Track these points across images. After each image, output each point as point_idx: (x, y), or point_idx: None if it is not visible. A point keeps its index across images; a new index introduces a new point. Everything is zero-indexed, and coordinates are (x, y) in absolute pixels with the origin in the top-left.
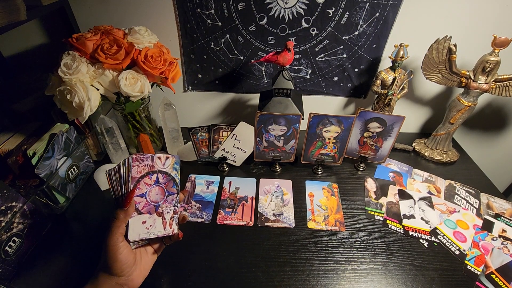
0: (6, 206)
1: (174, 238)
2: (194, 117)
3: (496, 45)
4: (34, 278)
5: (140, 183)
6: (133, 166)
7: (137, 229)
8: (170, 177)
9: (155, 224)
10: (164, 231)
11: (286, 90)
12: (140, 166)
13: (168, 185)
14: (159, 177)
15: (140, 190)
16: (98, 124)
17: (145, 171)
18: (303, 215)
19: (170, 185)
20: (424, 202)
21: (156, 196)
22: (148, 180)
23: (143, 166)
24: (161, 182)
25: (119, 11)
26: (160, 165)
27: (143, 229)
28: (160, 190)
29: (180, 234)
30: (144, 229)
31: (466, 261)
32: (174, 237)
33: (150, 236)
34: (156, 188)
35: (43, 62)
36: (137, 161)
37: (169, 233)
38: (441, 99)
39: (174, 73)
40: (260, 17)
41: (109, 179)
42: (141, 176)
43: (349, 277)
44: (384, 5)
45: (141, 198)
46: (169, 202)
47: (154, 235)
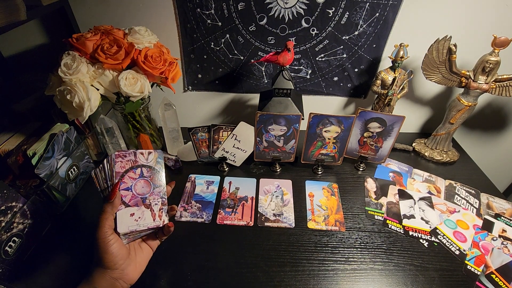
0: (6, 206)
1: (166, 231)
2: (194, 117)
3: (496, 45)
4: (34, 278)
5: (125, 177)
6: (116, 162)
7: (126, 221)
8: (155, 170)
9: (144, 216)
10: (154, 223)
11: (286, 90)
12: (124, 162)
13: (153, 178)
14: (143, 171)
15: (125, 184)
16: (98, 124)
17: (129, 165)
18: (303, 215)
19: (156, 178)
20: (424, 202)
21: (142, 189)
22: (133, 174)
23: (126, 161)
24: (145, 176)
25: (119, 11)
26: (143, 159)
27: (131, 221)
28: (146, 183)
29: (170, 224)
30: (133, 221)
31: (466, 261)
32: (166, 230)
33: (140, 228)
34: (141, 181)
35: (43, 62)
36: (120, 157)
37: (159, 224)
38: (441, 99)
39: (174, 73)
40: (260, 17)
41: (95, 178)
42: (125, 171)
43: (349, 277)
44: (384, 5)
45: (127, 192)
46: (156, 194)
47: (144, 226)
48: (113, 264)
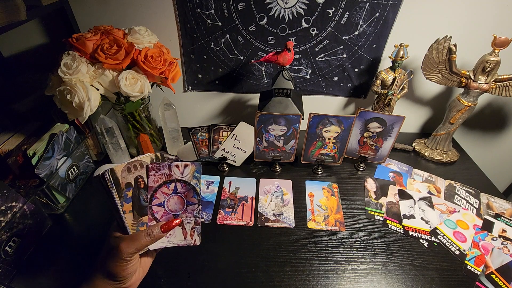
0: (6, 206)
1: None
2: (194, 117)
3: (496, 45)
4: (34, 278)
5: (158, 192)
6: (150, 176)
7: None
8: (190, 186)
9: (175, 233)
10: (185, 241)
11: (286, 90)
12: (157, 175)
13: (187, 194)
14: (178, 186)
15: (157, 199)
16: (98, 124)
17: (162, 180)
18: (303, 215)
19: (190, 195)
20: (424, 202)
21: (175, 206)
22: (166, 190)
23: (159, 175)
24: (179, 192)
25: (119, 11)
26: (178, 173)
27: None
28: (179, 200)
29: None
30: (164, 237)
31: (466, 261)
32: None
33: (170, 245)
34: (174, 198)
35: (43, 62)
36: (153, 170)
37: (190, 243)
38: (441, 99)
39: (174, 73)
40: (260, 17)
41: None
42: (158, 186)
43: (349, 277)
44: (384, 5)
45: (159, 208)
46: (189, 212)
47: (174, 243)
48: (123, 279)
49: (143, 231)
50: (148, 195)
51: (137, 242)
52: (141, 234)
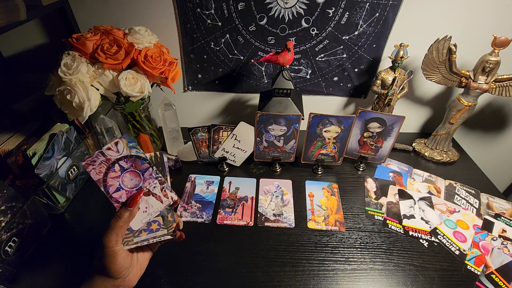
0: (6, 206)
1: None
2: (194, 117)
3: (496, 45)
4: (34, 278)
5: (108, 180)
6: (90, 172)
7: (136, 217)
8: (133, 157)
9: (150, 203)
10: (164, 204)
11: (286, 90)
12: (96, 167)
13: (136, 165)
14: (122, 164)
15: (113, 186)
16: (98, 124)
17: (104, 168)
18: (303, 215)
19: (139, 164)
20: (424, 202)
21: (132, 181)
22: (114, 173)
23: (98, 165)
24: (127, 168)
25: (119, 11)
26: (114, 153)
27: (141, 214)
28: (132, 174)
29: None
30: (142, 213)
31: (466, 261)
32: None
33: (153, 216)
34: (126, 175)
35: (43, 62)
36: (90, 165)
37: (169, 202)
38: (441, 99)
39: (174, 73)
40: (260, 17)
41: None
42: (104, 175)
43: (349, 277)
44: (384, 5)
45: (120, 192)
46: (148, 178)
47: (156, 213)
48: (117, 274)
49: (113, 217)
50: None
51: (112, 229)
52: (112, 221)
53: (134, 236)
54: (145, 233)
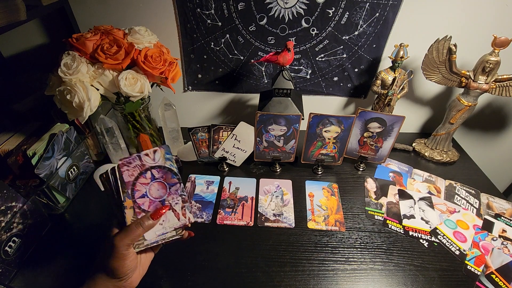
0: (6, 206)
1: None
2: (194, 117)
3: (496, 45)
4: (34, 278)
5: (137, 184)
6: (123, 172)
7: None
8: (165, 168)
9: (168, 218)
10: (180, 222)
11: (286, 90)
12: (130, 169)
13: (166, 177)
14: (154, 173)
15: (139, 191)
16: (98, 124)
17: (137, 171)
18: (303, 215)
19: (169, 177)
20: (424, 202)
21: (158, 192)
22: (144, 180)
23: (133, 168)
24: (157, 178)
25: (119, 11)
26: (150, 161)
27: (157, 226)
28: (160, 185)
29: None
30: (158, 225)
31: (466, 261)
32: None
33: (166, 231)
34: (155, 185)
35: (43, 62)
36: (125, 166)
37: (185, 222)
38: (441, 99)
39: (174, 73)
40: (260, 17)
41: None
42: (135, 178)
43: (349, 277)
44: (384, 5)
45: (144, 199)
46: (173, 194)
47: (170, 228)
48: (123, 276)
49: (134, 222)
50: (128, 190)
51: (129, 234)
52: (132, 226)
53: (144, 239)
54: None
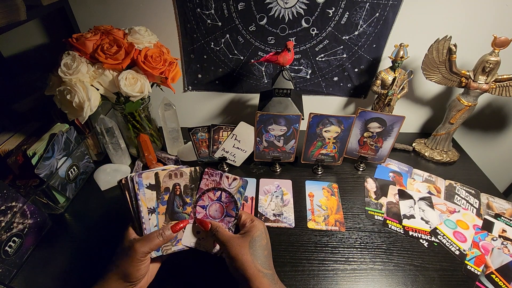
0: (6, 206)
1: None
2: (194, 117)
3: (496, 45)
4: (34, 278)
5: (205, 195)
6: (203, 179)
7: (191, 236)
8: (233, 198)
9: (207, 239)
10: (213, 249)
11: (286, 90)
12: (209, 180)
13: (229, 206)
14: (222, 195)
15: (203, 201)
16: (98, 124)
17: (212, 185)
18: (303, 215)
19: (231, 207)
20: (424, 202)
21: (215, 213)
22: (212, 195)
23: (211, 181)
24: (222, 201)
25: (119, 11)
26: (226, 184)
27: (195, 239)
28: (220, 208)
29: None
30: (196, 239)
31: (466, 261)
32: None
33: (199, 248)
34: (216, 205)
35: (43, 62)
36: (207, 175)
37: (216, 252)
38: (441, 99)
39: (174, 73)
40: (260, 17)
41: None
42: (206, 189)
43: (349, 277)
44: (384, 5)
45: (202, 210)
46: (225, 223)
47: (203, 248)
48: (136, 280)
49: (155, 232)
50: (196, 195)
51: (150, 242)
52: (153, 235)
53: (172, 245)
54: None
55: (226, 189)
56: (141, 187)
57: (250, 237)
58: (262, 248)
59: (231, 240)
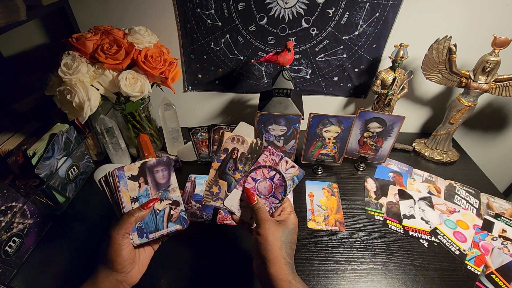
0: (6, 206)
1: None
2: (194, 117)
3: (496, 45)
4: (34, 278)
5: (259, 169)
6: (262, 154)
7: (234, 201)
8: (284, 184)
9: (247, 209)
10: (250, 220)
11: (286, 90)
12: (268, 158)
13: (278, 188)
14: (276, 176)
15: (255, 174)
16: (98, 124)
17: (269, 164)
18: (303, 215)
19: (279, 190)
20: (424, 202)
21: (263, 189)
22: (266, 172)
23: (269, 159)
24: (274, 181)
25: (119, 11)
26: (283, 168)
27: (237, 205)
28: (269, 187)
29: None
30: (238, 205)
31: (466, 261)
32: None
33: (236, 213)
34: (267, 183)
35: (43, 62)
36: (268, 152)
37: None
38: (441, 99)
39: (174, 73)
40: (260, 17)
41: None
42: (263, 165)
43: (349, 277)
44: (384, 5)
45: (252, 181)
46: (269, 203)
47: (241, 216)
48: (121, 268)
49: (126, 213)
50: (251, 166)
51: (123, 224)
52: (124, 216)
53: (212, 200)
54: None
55: (282, 172)
56: (121, 179)
57: (285, 226)
58: (291, 241)
59: (269, 221)
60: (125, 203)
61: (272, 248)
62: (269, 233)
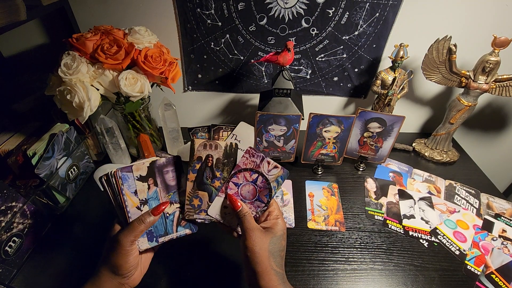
0: (6, 206)
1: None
2: (194, 117)
3: (496, 45)
4: (34, 278)
5: (240, 173)
6: (243, 157)
7: (217, 208)
8: (269, 186)
9: (233, 215)
10: (236, 229)
11: (286, 90)
12: (248, 160)
13: (262, 191)
14: (259, 179)
15: (237, 179)
16: (98, 124)
17: (250, 166)
18: (303, 215)
19: (264, 193)
20: (424, 202)
21: (247, 194)
22: (248, 176)
23: (250, 161)
24: (257, 184)
25: (119, 11)
26: (266, 169)
27: (221, 212)
28: (253, 191)
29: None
30: (222, 213)
31: (466, 261)
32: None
33: (222, 221)
34: (250, 186)
35: (43, 62)
36: (248, 154)
37: (238, 232)
38: (441, 99)
39: (174, 73)
40: (260, 17)
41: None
42: (243, 168)
43: (349, 277)
44: (384, 5)
45: (234, 187)
46: (255, 207)
47: (227, 223)
48: (126, 273)
49: (136, 220)
50: (231, 171)
51: (133, 230)
52: (134, 223)
53: (195, 213)
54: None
55: (264, 174)
56: (125, 181)
57: (272, 234)
58: (280, 249)
59: (254, 231)
60: (129, 207)
61: (260, 261)
62: (255, 244)
